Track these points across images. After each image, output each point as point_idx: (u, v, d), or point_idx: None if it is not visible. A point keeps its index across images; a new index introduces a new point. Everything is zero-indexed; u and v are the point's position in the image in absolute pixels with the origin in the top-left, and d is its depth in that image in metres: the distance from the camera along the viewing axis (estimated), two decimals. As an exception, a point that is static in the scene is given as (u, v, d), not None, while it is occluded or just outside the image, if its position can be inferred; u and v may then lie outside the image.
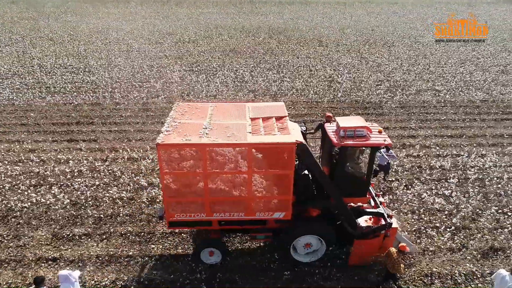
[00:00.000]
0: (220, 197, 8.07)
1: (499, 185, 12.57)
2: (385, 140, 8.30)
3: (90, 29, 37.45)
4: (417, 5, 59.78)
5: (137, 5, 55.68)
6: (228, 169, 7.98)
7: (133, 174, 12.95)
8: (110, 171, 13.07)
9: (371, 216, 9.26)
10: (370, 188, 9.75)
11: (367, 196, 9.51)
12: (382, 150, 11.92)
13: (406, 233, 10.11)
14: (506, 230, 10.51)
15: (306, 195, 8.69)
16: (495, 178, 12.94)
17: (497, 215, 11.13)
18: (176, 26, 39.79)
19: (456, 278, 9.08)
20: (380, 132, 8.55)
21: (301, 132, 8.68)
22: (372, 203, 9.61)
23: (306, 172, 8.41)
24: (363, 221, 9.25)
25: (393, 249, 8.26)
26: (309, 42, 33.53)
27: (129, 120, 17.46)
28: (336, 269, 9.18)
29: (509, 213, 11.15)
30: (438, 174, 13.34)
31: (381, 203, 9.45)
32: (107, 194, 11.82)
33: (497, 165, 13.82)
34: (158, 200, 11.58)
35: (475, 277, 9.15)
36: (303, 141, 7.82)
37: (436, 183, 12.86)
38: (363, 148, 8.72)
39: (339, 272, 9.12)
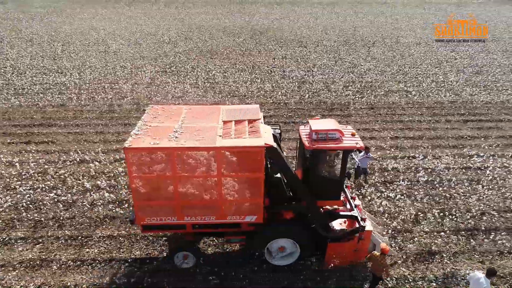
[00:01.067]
0: (191, 201, 8.02)
1: (445, 188, 12.53)
2: (357, 143, 8.27)
3: (72, 30, 37.36)
4: (407, 5, 59.68)
5: (126, 6, 55.59)
6: (200, 173, 7.91)
7: (82, 177, 12.88)
8: (58, 174, 13.00)
9: (345, 219, 9.27)
10: (346, 190, 9.78)
11: (343, 199, 9.52)
12: (362, 153, 12.13)
13: (385, 236, 10.06)
14: (443, 233, 10.46)
15: (279, 198, 8.68)
16: (445, 181, 12.90)
17: (439, 218, 11.08)
18: (159, 27, 39.70)
19: (387, 281, 9.03)
20: (353, 135, 8.53)
21: (274, 135, 8.61)
22: (348, 206, 9.54)
23: (279, 175, 8.39)
24: (337, 224, 9.29)
25: (375, 252, 8.28)
26: (289, 43, 33.46)
27: (92, 122, 17.40)
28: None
29: (451, 216, 11.11)
30: (390, 176, 13.29)
31: (356, 206, 9.41)
32: (51, 197, 11.75)
33: (450, 168, 13.77)
34: (100, 203, 11.53)
35: (406, 281, 9.10)
36: (274, 144, 7.76)
37: (388, 185, 12.82)
38: (335, 151, 8.65)
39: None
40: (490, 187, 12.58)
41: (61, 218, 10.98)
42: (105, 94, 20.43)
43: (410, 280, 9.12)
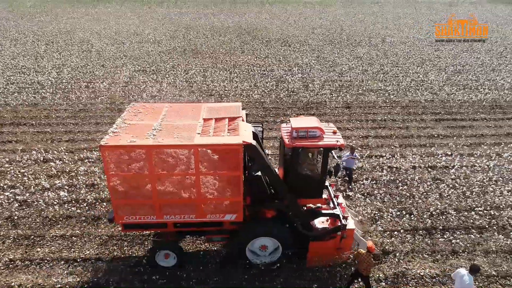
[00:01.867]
0: (169, 199, 7.93)
1: (407, 187, 12.45)
2: (337, 141, 8.20)
3: (58, 29, 37.26)
4: (398, 6, 59.60)
5: (117, 5, 55.49)
6: (178, 171, 7.82)
7: (42, 176, 12.79)
8: (18, 173, 12.91)
9: (328, 218, 9.19)
10: (330, 189, 9.70)
11: (326, 197, 9.48)
12: (347, 153, 12.14)
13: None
14: (397, 233, 10.38)
15: (260, 197, 8.59)
16: (408, 180, 12.82)
17: (396, 218, 11.01)
18: (146, 26, 39.60)
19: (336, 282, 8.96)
20: (334, 132, 8.47)
21: (255, 133, 8.50)
22: (332, 205, 9.47)
23: (260, 173, 8.30)
24: (319, 222, 9.23)
25: (361, 251, 8.21)
26: (275, 42, 33.38)
27: (64, 121, 17.31)
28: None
29: (408, 215, 11.03)
30: (355, 175, 13.20)
31: (338, 204, 9.34)
32: (7, 196, 11.66)
33: (416, 167, 13.69)
34: (56, 203, 11.44)
35: (356, 280, 9.00)
36: (253, 142, 7.65)
37: (353, 184, 12.74)
38: (316, 148, 8.58)
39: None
40: (452, 186, 12.50)
41: (16, 217, 10.89)
42: (80, 93, 20.34)
43: (359, 279, 9.03)
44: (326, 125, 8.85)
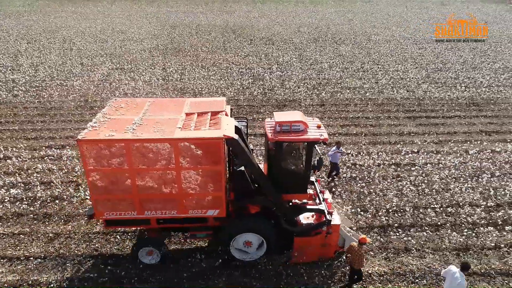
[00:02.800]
0: (150, 194, 7.79)
1: (367, 184, 12.30)
2: (321, 135, 8.12)
3: (43, 28, 37.03)
4: (390, 4, 59.39)
5: (108, 4, 55.23)
6: (158, 166, 7.66)
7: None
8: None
9: (313, 214, 9.13)
10: (316, 184, 9.61)
11: (313, 192, 9.40)
12: (333, 148, 12.11)
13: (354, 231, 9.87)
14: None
15: (243, 192, 8.50)
16: (369, 177, 12.67)
17: (351, 215, 10.85)
18: (132, 25, 39.40)
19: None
20: (318, 127, 8.37)
21: (238, 128, 8.36)
22: (318, 200, 9.36)
23: (243, 168, 8.18)
24: (304, 218, 9.15)
25: (354, 243, 8.14)
26: (258, 40, 33.19)
27: (34, 119, 17.15)
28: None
29: (362, 213, 10.88)
30: (318, 173, 13.03)
31: (324, 199, 9.24)
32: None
33: (380, 164, 13.55)
34: (7, 200, 11.28)
35: (302, 279, 8.86)
36: (235, 136, 7.53)
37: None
38: (299, 143, 8.44)
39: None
40: (413, 183, 12.34)
41: (-35, 216, 10.72)
42: (52, 92, 20.15)
43: (306, 278, 8.88)
44: (310, 119, 8.77)
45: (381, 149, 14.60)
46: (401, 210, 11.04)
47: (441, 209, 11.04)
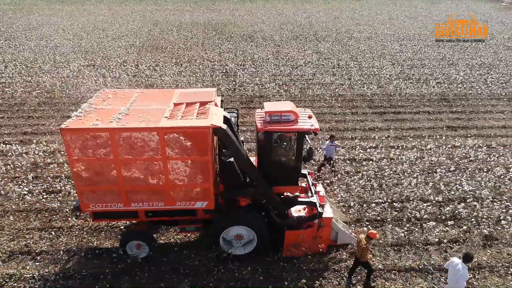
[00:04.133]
0: (136, 186, 7.56)
1: (314, 179, 12.03)
2: (312, 125, 7.91)
3: (25, 26, 36.76)
4: (380, 3, 59.16)
5: (97, 2, 54.95)
6: (143, 156, 7.42)
7: None
8: None
9: (305, 207, 8.91)
10: (308, 177, 9.41)
11: (305, 185, 9.19)
12: (327, 141, 12.05)
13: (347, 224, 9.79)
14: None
15: (233, 184, 8.27)
16: (316, 173, 12.41)
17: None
18: (115, 22, 39.12)
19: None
20: (310, 117, 8.16)
21: (227, 118, 8.10)
22: (310, 193, 9.16)
23: (232, 159, 7.94)
24: (295, 211, 8.95)
25: (362, 236, 7.97)
26: (239, 37, 32.95)
27: (-7, 116, 16.90)
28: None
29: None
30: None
31: (316, 192, 9.04)
32: None
33: (335, 159, 13.28)
34: None
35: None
36: (223, 125, 7.29)
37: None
38: (289, 133, 8.20)
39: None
40: (365, 178, 12.10)
41: None
42: (18, 87, 19.88)
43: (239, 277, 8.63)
44: (302, 110, 8.57)
45: (343, 145, 14.34)
46: (346, 206, 10.79)
47: (387, 204, 10.80)
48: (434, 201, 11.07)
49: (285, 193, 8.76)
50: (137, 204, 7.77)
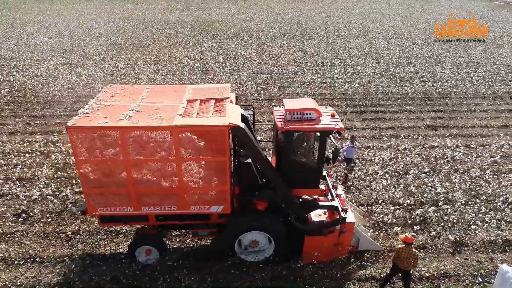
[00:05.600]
0: (147, 188, 7.03)
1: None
2: (336, 124, 7.32)
3: (9, 24, 36.13)
4: (373, 1, 58.60)
5: (86, 1, 54.28)
6: (156, 157, 6.88)
7: None
8: None
9: (325, 211, 8.37)
10: (328, 179, 8.81)
11: (324, 188, 8.62)
12: (347, 143, 11.50)
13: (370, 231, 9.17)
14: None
15: (249, 186, 7.71)
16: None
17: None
18: (100, 21, 38.48)
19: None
20: (333, 115, 7.56)
21: (245, 116, 7.55)
22: (330, 197, 8.61)
23: (250, 160, 7.40)
24: (316, 215, 8.39)
25: (401, 246, 7.30)
26: (224, 35, 32.34)
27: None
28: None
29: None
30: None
31: (337, 195, 8.45)
32: None
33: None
34: None
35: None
36: (241, 124, 6.72)
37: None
38: (312, 132, 7.68)
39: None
40: (332, 181, 11.48)
41: None
42: (-14, 86, 19.29)
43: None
44: (323, 107, 8.00)
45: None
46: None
47: (352, 208, 10.18)
48: (404, 204, 10.48)
49: (303, 196, 8.22)
50: (148, 208, 7.26)
